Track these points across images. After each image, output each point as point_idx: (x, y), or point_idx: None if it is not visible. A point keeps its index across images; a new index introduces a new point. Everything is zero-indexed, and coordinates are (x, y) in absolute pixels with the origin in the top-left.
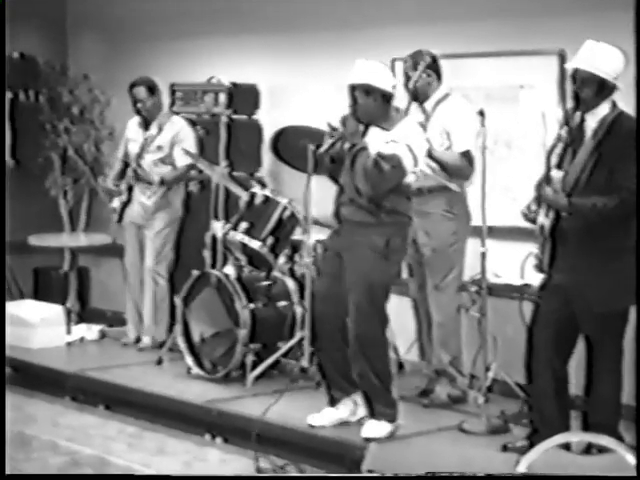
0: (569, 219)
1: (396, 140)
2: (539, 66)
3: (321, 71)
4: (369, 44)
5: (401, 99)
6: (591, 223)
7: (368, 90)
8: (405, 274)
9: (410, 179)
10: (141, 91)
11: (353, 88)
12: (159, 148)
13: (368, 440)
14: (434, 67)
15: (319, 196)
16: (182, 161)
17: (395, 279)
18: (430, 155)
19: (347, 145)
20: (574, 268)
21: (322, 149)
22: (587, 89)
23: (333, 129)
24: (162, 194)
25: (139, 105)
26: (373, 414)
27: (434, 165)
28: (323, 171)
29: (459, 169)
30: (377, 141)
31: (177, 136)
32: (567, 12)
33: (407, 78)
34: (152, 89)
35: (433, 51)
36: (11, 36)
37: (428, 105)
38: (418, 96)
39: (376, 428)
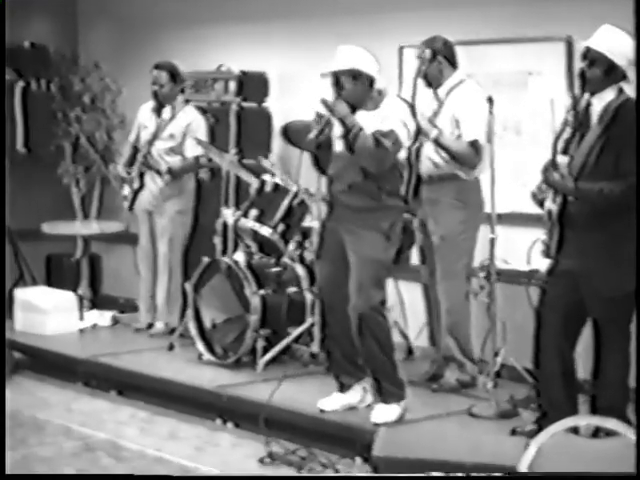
0: (576, 204)
1: (389, 117)
2: (547, 53)
3: (331, 58)
4: (378, 31)
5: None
6: (598, 208)
7: (356, 75)
8: (417, 260)
9: (402, 155)
10: (162, 75)
11: (337, 74)
12: (171, 136)
13: (378, 425)
14: (446, 53)
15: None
16: (191, 152)
17: (394, 259)
18: (437, 141)
19: (339, 130)
20: (582, 253)
21: (311, 136)
22: (595, 69)
23: (320, 116)
24: (171, 182)
25: (156, 87)
26: (381, 394)
27: (442, 152)
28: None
29: (465, 157)
30: (366, 122)
31: (189, 126)
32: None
33: (422, 64)
34: (173, 75)
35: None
36: (22, 25)
37: (441, 92)
38: (431, 82)
39: (385, 412)
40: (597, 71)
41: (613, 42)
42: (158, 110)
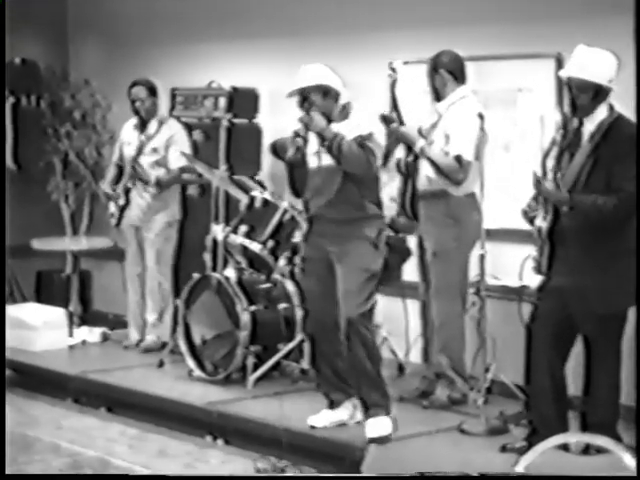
0: (566, 222)
1: (360, 124)
2: (537, 70)
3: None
4: (368, 49)
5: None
6: (589, 225)
7: (325, 91)
8: (416, 276)
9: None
10: (141, 91)
11: (306, 91)
12: (154, 150)
13: (373, 440)
14: (451, 67)
15: None
16: (175, 164)
17: (381, 269)
18: (422, 152)
19: (314, 147)
20: (573, 270)
21: (289, 155)
22: (583, 95)
23: (297, 135)
24: (158, 194)
25: (137, 104)
26: (368, 406)
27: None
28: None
29: (449, 172)
30: (347, 131)
31: (172, 138)
32: (564, 16)
33: (431, 78)
34: (152, 90)
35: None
36: (12, 42)
37: (441, 106)
38: (437, 97)
39: (378, 426)
40: (586, 97)
41: (593, 64)
42: (142, 126)
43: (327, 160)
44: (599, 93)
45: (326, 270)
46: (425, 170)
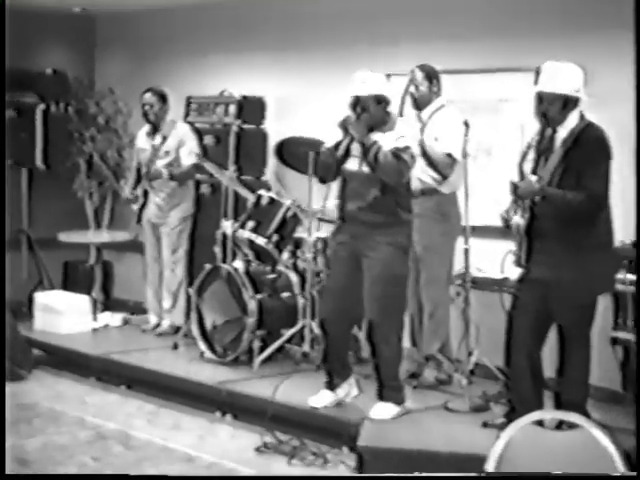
0: (543, 219)
1: (403, 136)
2: (518, 82)
3: (322, 85)
4: (365, 61)
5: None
6: (562, 222)
7: (379, 100)
8: None
9: (422, 180)
10: (151, 97)
11: (362, 97)
12: (167, 153)
13: (373, 420)
14: (431, 80)
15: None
16: (187, 160)
17: (409, 273)
18: (423, 151)
19: (357, 150)
20: (549, 263)
21: (328, 145)
22: (553, 107)
23: (344, 127)
24: (173, 193)
25: (147, 108)
26: (382, 397)
27: (430, 171)
28: (324, 172)
29: (443, 165)
30: (387, 141)
31: (181, 140)
32: (543, 34)
33: (415, 88)
34: (161, 97)
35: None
36: (45, 54)
37: (424, 114)
38: (418, 105)
39: (384, 410)
40: (556, 108)
41: (560, 78)
42: (153, 133)
43: (366, 166)
44: (568, 103)
45: (354, 269)
46: (416, 173)
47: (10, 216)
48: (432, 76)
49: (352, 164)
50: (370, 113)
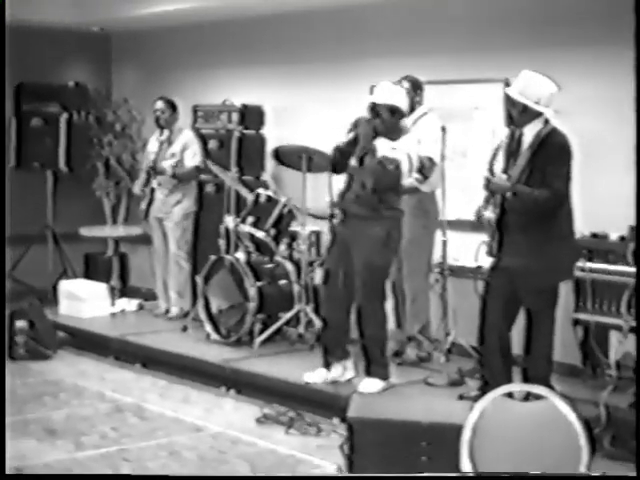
0: (511, 213)
1: (399, 149)
2: (489, 92)
3: (316, 95)
4: (354, 73)
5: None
6: (528, 216)
7: (394, 110)
8: None
9: (407, 182)
10: (162, 105)
11: (377, 104)
12: (172, 155)
13: (360, 394)
14: (415, 90)
15: (314, 194)
16: (190, 162)
17: (392, 262)
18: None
19: (359, 147)
20: (517, 253)
21: (347, 134)
22: (514, 110)
23: (357, 124)
24: (176, 189)
25: (157, 113)
26: (369, 373)
27: (414, 174)
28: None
29: (426, 167)
30: (383, 148)
31: (186, 144)
32: (511, 48)
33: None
34: (171, 105)
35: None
36: (67, 69)
37: (409, 120)
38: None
39: (371, 385)
40: (516, 111)
41: (527, 87)
42: (162, 136)
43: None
44: (525, 110)
45: (345, 252)
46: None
47: (37, 213)
48: (416, 86)
49: (353, 160)
50: (382, 120)
